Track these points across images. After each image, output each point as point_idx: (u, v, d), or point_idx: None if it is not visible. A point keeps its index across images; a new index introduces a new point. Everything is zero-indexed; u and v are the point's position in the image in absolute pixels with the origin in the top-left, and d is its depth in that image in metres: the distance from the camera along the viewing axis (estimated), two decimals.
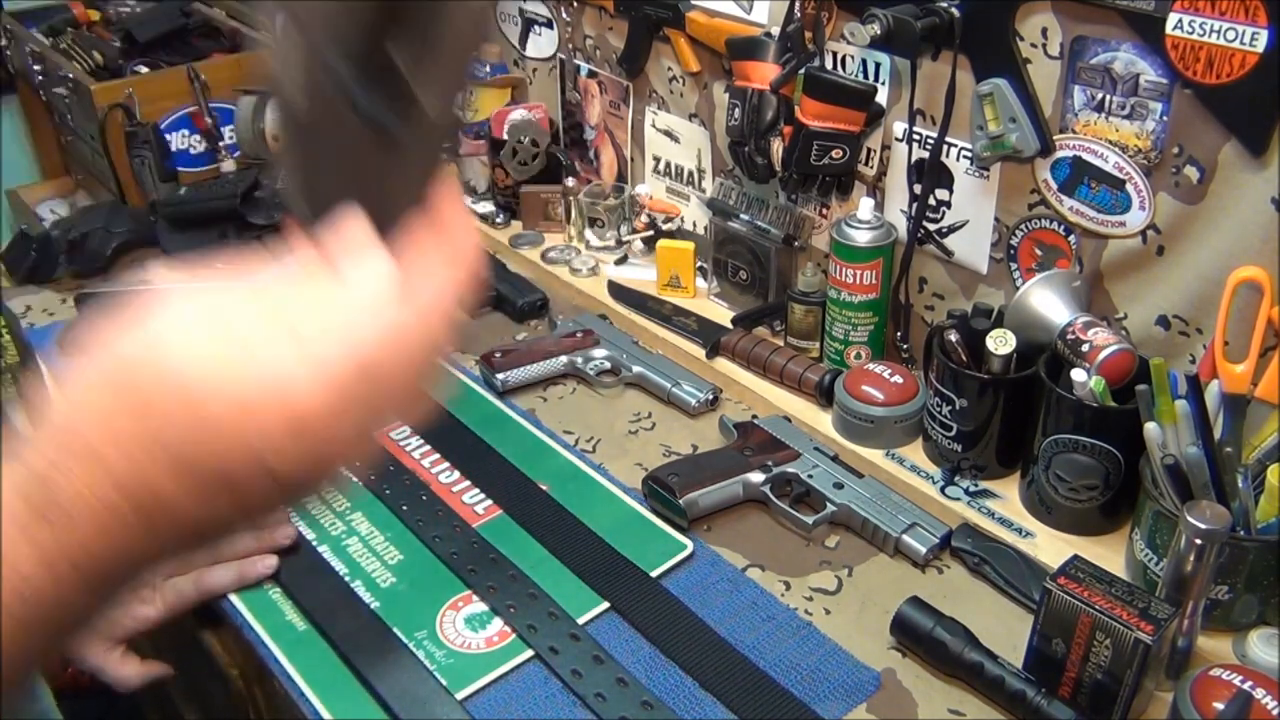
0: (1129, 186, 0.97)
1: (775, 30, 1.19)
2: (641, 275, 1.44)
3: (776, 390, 1.22)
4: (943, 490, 1.06)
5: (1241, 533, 0.86)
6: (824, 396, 1.17)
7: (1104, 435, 0.94)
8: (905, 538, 1.00)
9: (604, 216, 1.48)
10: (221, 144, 1.68)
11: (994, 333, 1.01)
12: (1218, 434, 0.89)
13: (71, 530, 0.38)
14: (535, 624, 0.93)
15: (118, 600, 0.42)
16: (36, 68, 1.77)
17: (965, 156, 1.09)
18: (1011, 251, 1.09)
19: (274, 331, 0.40)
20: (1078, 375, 0.94)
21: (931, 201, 1.13)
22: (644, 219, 1.45)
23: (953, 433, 1.05)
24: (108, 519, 0.38)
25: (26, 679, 0.42)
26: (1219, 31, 0.85)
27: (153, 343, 0.39)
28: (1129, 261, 1.00)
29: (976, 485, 1.06)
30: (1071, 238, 1.04)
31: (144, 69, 1.73)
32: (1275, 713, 0.74)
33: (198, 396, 0.38)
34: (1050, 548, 0.98)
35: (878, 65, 1.14)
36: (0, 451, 0.39)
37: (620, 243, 1.48)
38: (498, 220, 1.58)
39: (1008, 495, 1.05)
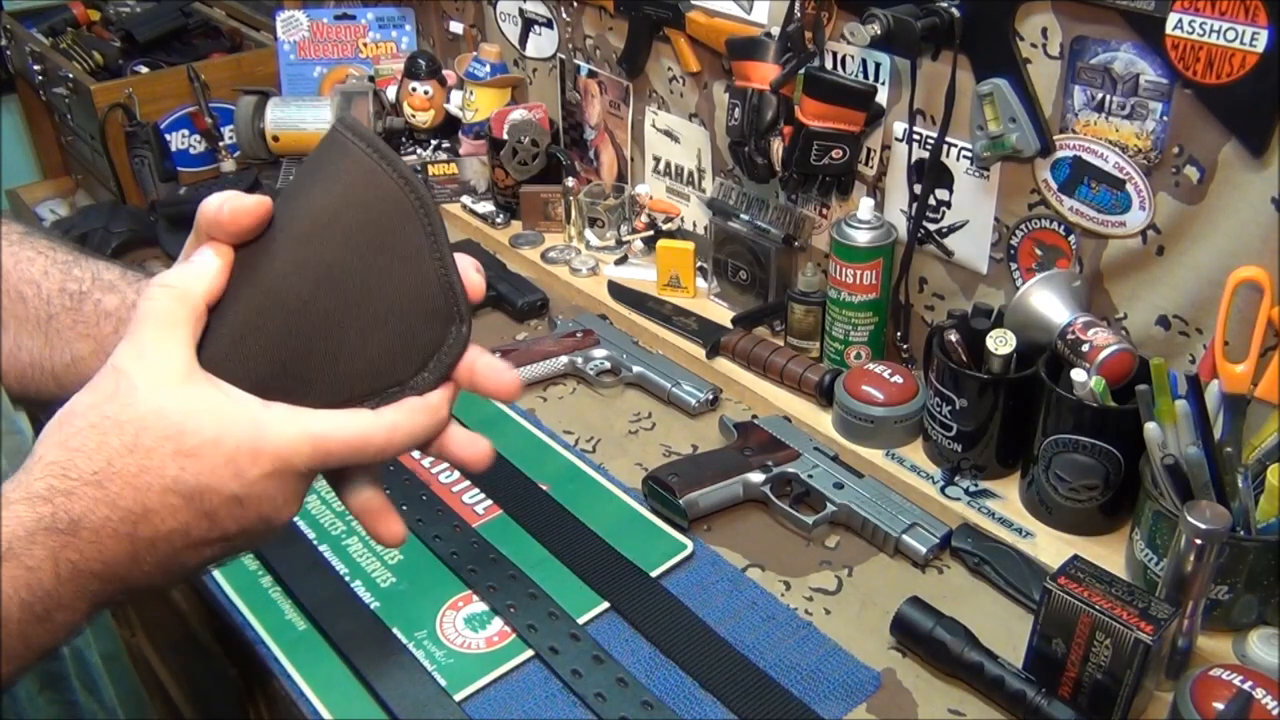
0: (1129, 186, 0.97)
1: (775, 30, 1.19)
2: (641, 275, 1.44)
3: (776, 390, 1.22)
4: (943, 490, 1.06)
5: (1241, 533, 0.86)
6: (824, 396, 1.17)
7: (1104, 435, 0.94)
8: (905, 538, 1.00)
9: (604, 216, 1.48)
10: (221, 144, 1.69)
11: (994, 333, 1.01)
12: (1218, 434, 0.89)
13: (74, 536, 0.47)
14: (535, 624, 0.93)
15: (103, 606, 0.51)
16: (36, 68, 1.78)
17: (965, 156, 1.09)
18: (1011, 251, 1.09)
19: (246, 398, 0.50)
20: (1078, 375, 0.94)
21: (931, 201, 1.13)
22: (644, 219, 1.46)
23: (953, 433, 1.05)
24: (103, 530, 0.48)
25: (23, 670, 0.49)
26: (1219, 31, 0.85)
27: (135, 396, 0.49)
28: (1129, 261, 1.00)
29: (976, 485, 1.06)
30: (1071, 238, 1.04)
31: (144, 69, 1.73)
32: (1275, 713, 0.74)
33: (185, 436, 0.49)
34: (1050, 548, 0.98)
35: (878, 65, 1.14)
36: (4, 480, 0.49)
37: (620, 243, 1.48)
38: (498, 220, 1.58)
39: (1008, 495, 1.05)
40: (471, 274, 0.54)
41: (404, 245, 0.52)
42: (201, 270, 0.51)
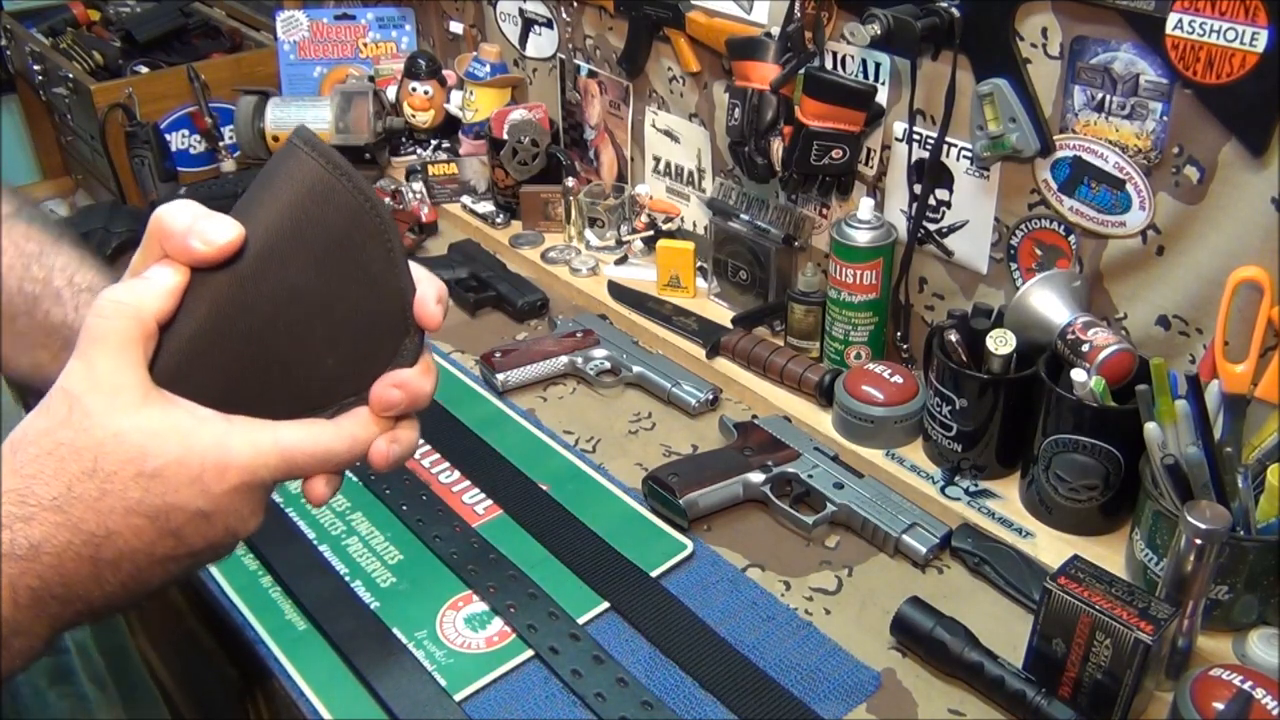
0: (1129, 186, 0.97)
1: (775, 30, 1.19)
2: (641, 275, 1.44)
3: (776, 390, 1.22)
4: (943, 490, 1.06)
5: (1241, 533, 0.86)
6: (824, 396, 1.17)
7: (1104, 435, 0.94)
8: (905, 538, 1.00)
9: (604, 216, 1.48)
10: (221, 144, 1.69)
11: (994, 333, 1.01)
12: (1218, 434, 0.89)
13: (34, 561, 0.47)
14: (535, 624, 0.93)
15: (62, 629, 0.50)
16: (36, 68, 1.78)
17: (965, 156, 1.09)
18: (1011, 251, 1.09)
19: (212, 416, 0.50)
20: (1078, 375, 0.94)
21: (931, 201, 1.13)
22: (644, 219, 1.46)
23: (953, 433, 1.05)
24: (65, 554, 0.47)
25: None
26: (1219, 31, 0.85)
27: (90, 420, 0.48)
28: (1129, 261, 1.00)
29: (976, 485, 1.06)
30: (1071, 238, 1.04)
31: (144, 69, 1.73)
32: (1275, 713, 0.74)
33: (148, 459, 0.48)
34: (1050, 548, 0.98)
35: (878, 65, 1.14)
36: None
37: (620, 243, 1.48)
38: (498, 220, 1.58)
39: (1008, 495, 1.05)
40: (430, 305, 0.53)
41: (364, 262, 0.52)
42: (156, 288, 0.49)
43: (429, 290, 0.53)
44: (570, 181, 1.51)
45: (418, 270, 0.54)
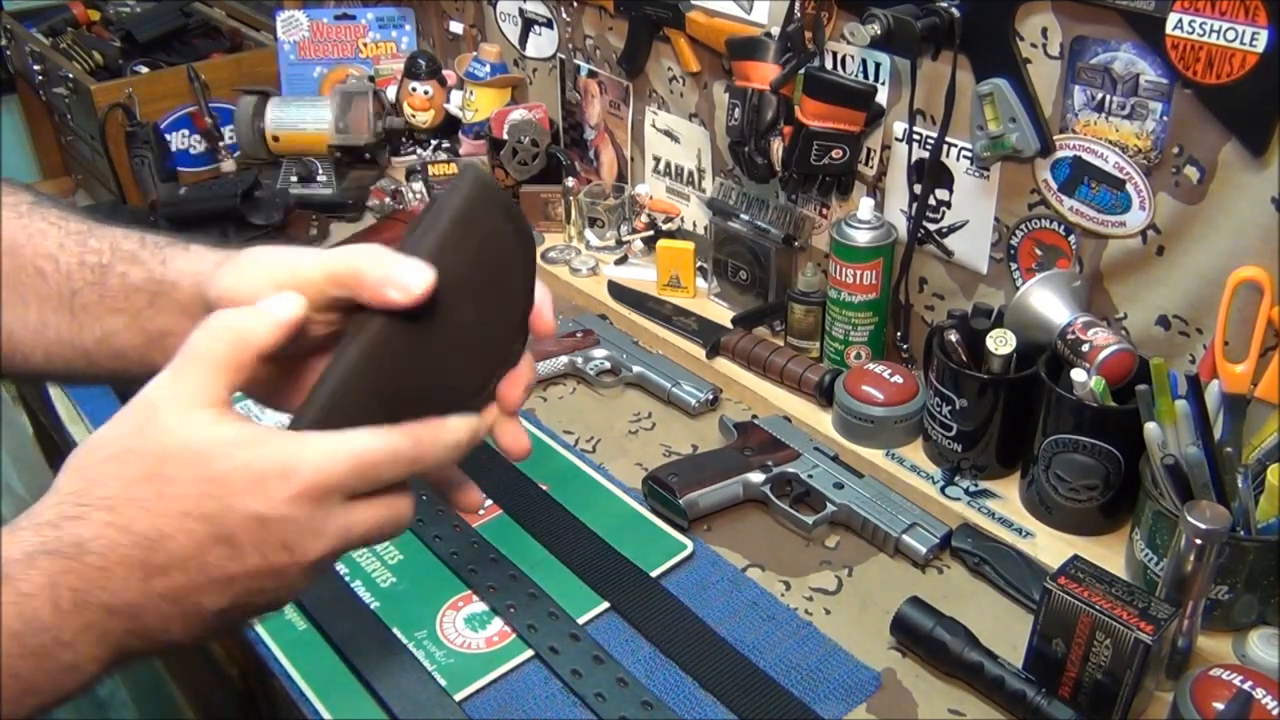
0: (1129, 186, 0.97)
1: (775, 30, 1.18)
2: (641, 275, 1.44)
3: (776, 390, 1.22)
4: (943, 490, 1.06)
5: (1241, 533, 0.86)
6: (824, 396, 1.17)
7: (1104, 435, 0.94)
8: (905, 538, 1.00)
9: (604, 216, 1.48)
10: (221, 144, 1.69)
11: (994, 333, 1.01)
12: (1218, 434, 0.89)
13: (77, 560, 0.45)
14: (535, 624, 0.93)
15: (119, 652, 0.47)
16: (36, 68, 1.78)
17: (965, 156, 1.09)
18: (1011, 251, 1.09)
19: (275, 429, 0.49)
20: (1078, 375, 0.94)
21: (931, 201, 1.13)
22: (644, 219, 1.46)
23: (953, 433, 1.05)
24: (111, 555, 0.45)
25: (18, 712, 0.46)
26: (1219, 31, 0.85)
27: (163, 429, 0.47)
28: (1129, 261, 1.00)
29: (976, 485, 1.06)
30: (1071, 238, 1.04)
31: (144, 69, 1.73)
32: (1275, 713, 0.74)
33: (212, 462, 0.47)
34: (1050, 548, 0.98)
35: (878, 65, 1.14)
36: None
37: (620, 243, 1.48)
38: None
39: (1008, 495, 1.05)
40: (547, 314, 0.55)
41: (510, 290, 0.54)
42: (271, 321, 0.49)
43: (545, 300, 0.55)
44: (570, 181, 1.52)
45: None
